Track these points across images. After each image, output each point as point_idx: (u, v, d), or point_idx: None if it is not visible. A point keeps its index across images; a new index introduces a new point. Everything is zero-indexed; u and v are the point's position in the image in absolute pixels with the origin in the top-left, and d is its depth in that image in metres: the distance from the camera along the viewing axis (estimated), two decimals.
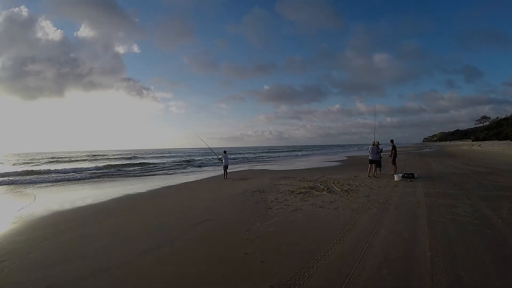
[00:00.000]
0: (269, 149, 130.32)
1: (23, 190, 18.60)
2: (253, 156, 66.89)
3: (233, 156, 59.53)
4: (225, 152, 22.17)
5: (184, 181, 20.87)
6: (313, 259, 5.28)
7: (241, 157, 58.13)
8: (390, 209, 8.91)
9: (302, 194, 11.82)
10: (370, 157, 17.72)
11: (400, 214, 8.30)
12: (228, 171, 21.53)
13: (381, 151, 18.23)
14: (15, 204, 13.60)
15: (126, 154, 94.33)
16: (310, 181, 15.86)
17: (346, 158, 45.67)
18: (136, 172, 30.89)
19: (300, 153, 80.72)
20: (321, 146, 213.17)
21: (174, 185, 18.94)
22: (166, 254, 6.08)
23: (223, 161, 21.23)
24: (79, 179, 24.34)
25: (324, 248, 5.74)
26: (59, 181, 23.13)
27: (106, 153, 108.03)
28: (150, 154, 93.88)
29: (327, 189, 12.79)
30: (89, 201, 13.59)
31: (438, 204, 9.36)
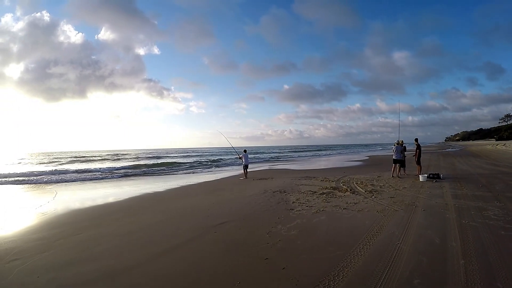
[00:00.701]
0: (290, 149, 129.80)
1: (45, 188, 18.84)
2: (273, 155, 66.61)
3: (253, 156, 59.45)
4: (245, 151, 21.69)
5: (204, 180, 20.84)
6: (338, 266, 4.98)
7: (261, 157, 57.86)
8: (418, 212, 8.54)
9: (324, 195, 11.50)
10: (394, 157, 17.21)
11: (429, 217, 7.94)
12: (248, 170, 21.03)
13: (405, 149, 17.77)
14: (35, 202, 13.71)
15: (149, 153, 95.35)
16: (332, 181, 15.52)
17: (368, 157, 44.96)
18: (158, 171, 31.04)
19: (320, 152, 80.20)
20: (341, 145, 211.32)
21: (193, 184, 18.90)
22: (182, 256, 5.87)
23: (243, 160, 20.79)
24: (102, 178, 24.56)
25: (350, 254, 5.43)
26: (82, 179, 23.38)
27: (129, 152, 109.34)
28: (171, 153, 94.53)
29: (350, 190, 12.45)
30: (108, 199, 13.69)
31: (467, 207, 8.96)
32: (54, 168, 35.36)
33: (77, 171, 30.53)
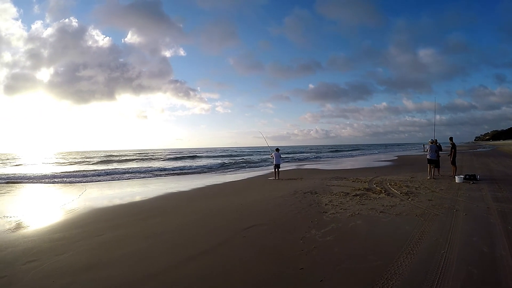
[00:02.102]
0: (316, 148, 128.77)
1: (74, 187, 19.13)
2: (300, 155, 66.14)
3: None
4: (277, 150, 20.69)
5: (231, 180, 20.81)
6: (382, 278, 4.61)
7: (288, 156, 57.37)
8: (459, 216, 8.06)
9: (358, 197, 11.10)
10: (428, 156, 16.55)
11: (472, 223, 7.46)
12: (279, 170, 20.18)
13: (441, 149, 17.12)
14: (62, 200, 13.95)
15: (177, 152, 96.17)
16: (365, 182, 15.09)
17: (396, 157, 44.03)
18: (188, 170, 31.14)
19: (347, 152, 79.28)
20: (368, 145, 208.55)
21: (220, 183, 18.88)
22: (209, 263, 5.55)
23: (274, 160, 19.97)
24: (128, 178, 24.79)
25: (393, 264, 5.06)
26: (110, 179, 23.64)
27: (156, 152, 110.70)
28: (199, 152, 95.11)
29: (385, 191, 12.00)
30: (134, 198, 13.80)
31: (510, 211, 8.44)
32: (83, 168, 36.01)
33: (105, 171, 30.97)
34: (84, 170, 31.81)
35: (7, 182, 22.12)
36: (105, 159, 55.87)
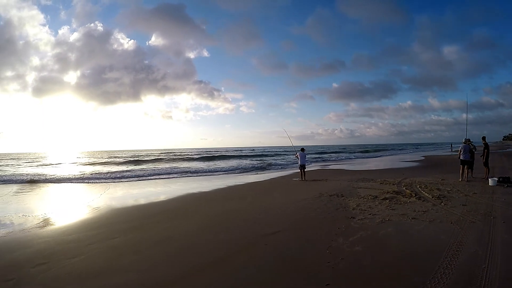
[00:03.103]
0: (340, 148, 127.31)
1: (96, 186, 19.24)
2: (324, 154, 65.38)
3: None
4: (302, 149, 19.84)
5: (253, 180, 20.49)
6: None
7: (313, 156, 56.67)
8: (497, 224, 7.42)
9: (387, 201, 10.52)
10: (461, 157, 15.72)
11: None
12: (305, 171, 19.31)
13: (475, 149, 16.31)
14: (80, 200, 14.10)
15: (201, 152, 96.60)
16: (393, 184, 14.45)
17: (423, 158, 42.78)
18: (210, 170, 31.06)
19: (373, 151, 77.97)
20: (394, 144, 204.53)
21: (241, 184, 18.61)
22: (226, 274, 5.15)
23: (299, 160, 19.23)
24: (154, 178, 24.83)
25: (431, 281, 4.53)
26: (137, 179, 23.71)
27: (182, 151, 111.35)
28: (223, 152, 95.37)
29: (416, 195, 11.37)
30: (152, 199, 13.77)
31: None
32: (108, 167, 36.37)
33: (129, 170, 31.15)
34: (108, 170, 32.04)
35: (31, 182, 22.43)
36: (130, 158, 56.34)
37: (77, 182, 21.97)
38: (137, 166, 38.53)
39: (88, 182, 21.83)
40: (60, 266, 5.80)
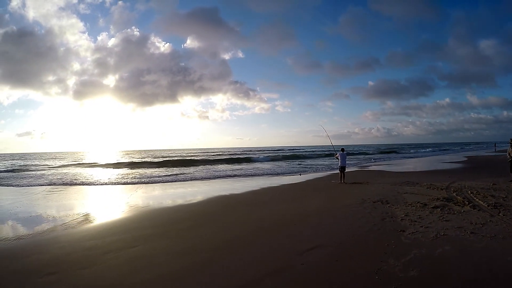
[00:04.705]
0: (378, 147, 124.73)
1: (128, 187, 19.20)
2: (361, 154, 63.97)
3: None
4: (342, 150, 18.47)
5: (288, 182, 19.72)
6: None
7: (350, 157, 55.40)
8: None
9: (438, 210, 9.37)
10: None
11: None
12: (345, 173, 18.02)
13: None
14: (107, 202, 14.04)
15: (237, 151, 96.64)
16: (441, 189, 13.17)
17: (466, 158, 40.45)
18: (244, 171, 30.64)
19: (411, 151, 75.82)
20: (433, 144, 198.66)
21: (275, 186, 17.95)
22: None
23: (339, 161, 17.90)
24: (186, 179, 24.65)
25: None
26: (171, 180, 23.49)
27: (218, 151, 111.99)
28: (259, 151, 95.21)
29: (469, 203, 10.17)
30: (180, 201, 13.47)
31: None
32: (143, 168, 36.48)
33: (164, 171, 30.97)
34: (142, 171, 32.01)
35: (64, 184, 22.45)
36: (165, 158, 56.63)
37: (110, 184, 21.88)
38: (171, 166, 38.55)
39: (120, 184, 21.71)
40: (70, 277, 5.50)
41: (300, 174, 24.03)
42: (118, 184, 21.20)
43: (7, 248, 7.48)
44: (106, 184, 21.58)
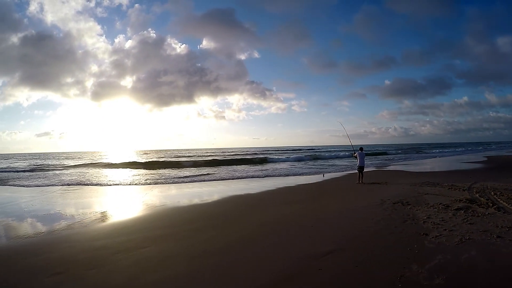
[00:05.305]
0: (395, 147, 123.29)
1: (142, 188, 19.16)
2: (378, 154, 63.23)
3: None
4: (361, 149, 17.94)
5: (307, 182, 19.45)
6: None
7: (369, 156, 54.69)
8: None
9: (462, 211, 8.93)
10: None
11: None
12: (363, 173, 17.46)
13: None
14: (120, 202, 14.07)
15: (255, 151, 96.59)
16: (463, 190, 12.68)
17: (486, 158, 39.47)
18: (260, 170, 30.49)
19: (429, 151, 74.75)
20: (450, 143, 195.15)
21: (292, 185, 17.75)
22: None
23: (358, 160, 17.43)
24: (201, 180, 24.76)
25: None
26: (189, 180, 23.36)
27: (234, 150, 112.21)
28: (275, 151, 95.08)
29: (493, 204, 9.70)
30: (197, 201, 13.29)
31: None
32: (158, 168, 36.49)
33: (180, 172, 30.85)
34: (158, 171, 31.96)
35: (79, 184, 22.47)
36: (183, 159, 56.68)
37: (125, 184, 21.76)
38: (188, 166, 38.58)
39: (135, 184, 21.54)
40: (75, 278, 5.37)
41: (324, 175, 23.62)
42: (133, 184, 21.14)
43: (17, 246, 7.51)
44: (121, 184, 21.54)
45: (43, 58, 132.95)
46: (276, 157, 56.67)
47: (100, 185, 21.05)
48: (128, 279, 5.25)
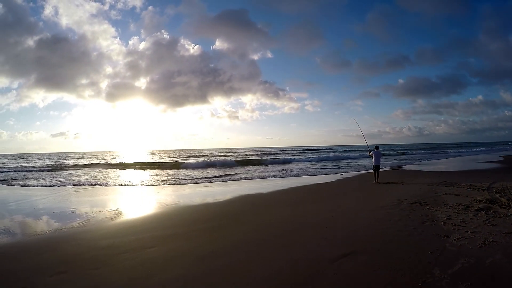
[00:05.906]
0: (409, 147, 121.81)
1: (153, 187, 19.11)
2: (392, 154, 62.46)
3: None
4: (377, 147, 17.66)
5: (321, 181, 19.17)
6: None
7: (385, 156, 53.92)
8: None
9: (483, 212, 8.55)
10: None
11: None
12: (379, 173, 17.14)
13: None
14: (131, 201, 14.05)
15: (267, 151, 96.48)
16: (483, 190, 12.24)
17: (503, 158, 38.53)
18: (271, 171, 30.39)
19: (445, 150, 73.60)
20: (466, 143, 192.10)
21: (306, 185, 17.49)
22: None
23: (374, 160, 17.09)
24: (214, 180, 24.87)
25: None
26: (201, 181, 23.33)
27: (248, 150, 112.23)
28: (288, 151, 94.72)
29: None
30: (208, 200, 13.19)
31: None
32: (170, 168, 36.48)
33: (192, 172, 30.76)
34: (171, 171, 31.87)
35: (92, 183, 22.42)
36: (197, 159, 56.74)
37: (138, 184, 21.68)
38: (201, 166, 38.53)
39: (148, 184, 21.43)
40: (79, 277, 5.27)
41: (342, 174, 23.27)
42: (145, 184, 21.07)
43: (22, 244, 7.47)
44: (134, 183, 21.45)
45: (58, 60, 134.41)
46: (293, 158, 56.32)
47: (112, 185, 20.97)
48: (131, 280, 5.08)
